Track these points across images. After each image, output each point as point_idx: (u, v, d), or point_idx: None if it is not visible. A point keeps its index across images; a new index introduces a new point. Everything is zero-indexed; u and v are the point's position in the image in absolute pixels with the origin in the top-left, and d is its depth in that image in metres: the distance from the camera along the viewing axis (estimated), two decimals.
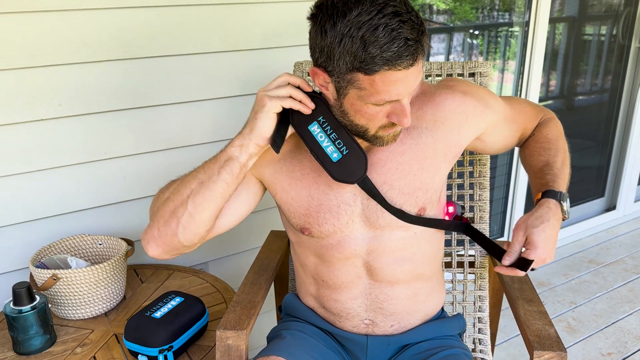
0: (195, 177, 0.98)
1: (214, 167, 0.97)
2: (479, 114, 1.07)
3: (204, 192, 0.96)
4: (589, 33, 2.95)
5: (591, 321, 2.29)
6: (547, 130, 1.15)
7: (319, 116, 0.97)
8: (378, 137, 0.96)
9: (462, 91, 1.07)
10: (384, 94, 0.87)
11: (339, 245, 1.06)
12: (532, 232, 0.96)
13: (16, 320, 1.18)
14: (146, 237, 1.02)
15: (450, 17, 2.56)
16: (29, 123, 1.40)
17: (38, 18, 1.34)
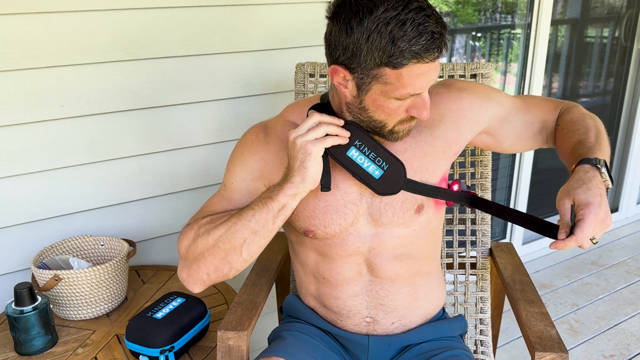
0: (247, 226, 0.96)
1: (267, 216, 0.96)
2: (476, 108, 1.08)
3: (258, 241, 0.98)
4: (591, 35, 2.94)
5: (593, 323, 2.28)
6: (569, 115, 1.09)
7: (354, 140, 0.99)
8: (394, 132, 0.98)
9: (458, 88, 1.09)
10: (409, 88, 0.89)
11: (342, 243, 1.07)
12: (576, 193, 0.88)
13: (18, 320, 1.18)
14: (192, 279, 1.03)
15: (453, 20, 2.56)
16: (31, 124, 1.41)
17: (40, 19, 1.35)
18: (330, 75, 0.95)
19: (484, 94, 1.10)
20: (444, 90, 1.09)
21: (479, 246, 1.43)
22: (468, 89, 1.09)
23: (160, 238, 1.69)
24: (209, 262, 1.00)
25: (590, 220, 0.85)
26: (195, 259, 1.01)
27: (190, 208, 1.71)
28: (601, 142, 1.00)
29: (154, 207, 1.65)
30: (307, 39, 1.70)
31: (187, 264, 1.03)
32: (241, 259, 0.99)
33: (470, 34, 2.61)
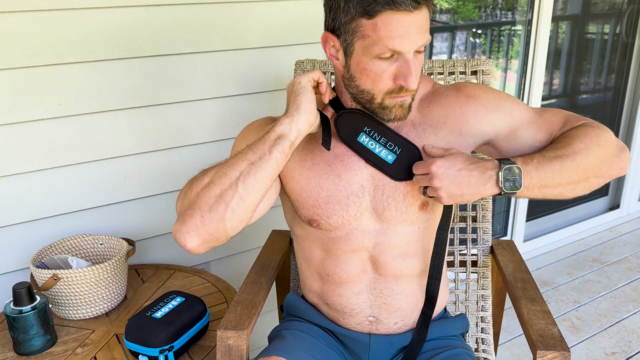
0: (244, 158, 0.94)
1: (264, 146, 0.94)
2: (480, 117, 1.04)
3: (255, 172, 0.93)
4: (592, 31, 2.93)
5: (595, 320, 2.27)
6: (572, 130, 1.00)
7: (364, 126, 1.01)
8: (385, 106, 0.97)
9: (467, 94, 1.06)
10: (386, 40, 0.88)
11: (346, 237, 1.06)
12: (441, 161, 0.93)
13: (16, 320, 1.18)
14: (184, 228, 0.93)
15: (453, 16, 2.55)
16: (29, 123, 1.40)
17: (38, 17, 1.34)
18: (323, 47, 0.98)
19: (493, 104, 1.05)
20: (453, 93, 1.07)
21: (480, 244, 1.43)
22: (476, 96, 1.06)
23: (159, 237, 1.68)
24: (203, 202, 0.93)
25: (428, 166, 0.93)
26: (190, 204, 0.94)
27: None
28: (555, 162, 0.94)
29: (154, 206, 1.64)
30: (306, 36, 1.69)
31: (181, 215, 0.96)
32: (237, 194, 0.92)
33: (471, 30, 2.60)
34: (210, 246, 0.97)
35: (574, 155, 0.95)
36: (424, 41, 0.91)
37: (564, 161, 0.94)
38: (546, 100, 2.76)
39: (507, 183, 0.92)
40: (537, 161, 0.94)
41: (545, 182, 0.94)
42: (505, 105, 1.06)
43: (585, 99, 3.11)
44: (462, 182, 0.92)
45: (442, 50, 2.63)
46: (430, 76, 1.41)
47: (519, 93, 2.58)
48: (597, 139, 0.97)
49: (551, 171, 0.94)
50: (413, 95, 0.98)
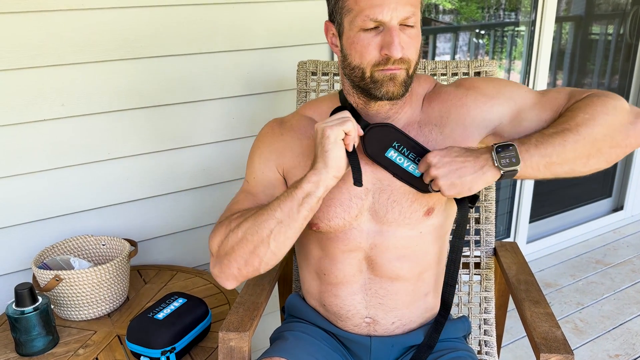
0: (272, 216, 0.96)
1: (292, 205, 0.95)
2: (481, 106, 1.03)
3: (285, 231, 0.97)
4: (596, 32, 2.92)
5: (598, 322, 2.26)
6: (576, 103, 0.97)
7: (392, 142, 1.00)
8: (375, 80, 0.96)
9: (466, 86, 1.06)
10: (367, 10, 0.91)
11: (344, 237, 1.06)
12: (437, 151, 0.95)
13: (18, 321, 1.18)
14: (224, 275, 1.02)
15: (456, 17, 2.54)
16: (32, 123, 1.40)
17: (41, 18, 1.34)
18: (325, 37, 1.02)
19: (492, 92, 1.04)
20: (453, 88, 1.07)
21: (483, 246, 1.42)
22: (476, 86, 1.06)
23: (162, 237, 1.68)
24: (239, 256, 0.99)
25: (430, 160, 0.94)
26: (226, 254, 1.01)
27: (192, 207, 1.70)
28: (555, 139, 0.91)
29: (156, 207, 1.64)
30: (309, 37, 1.69)
31: (219, 260, 1.03)
32: (269, 251, 0.97)
33: (474, 31, 2.60)
34: None
35: (577, 127, 0.91)
36: (407, 13, 0.91)
37: (567, 135, 0.91)
38: None
39: (503, 160, 0.90)
40: (536, 139, 0.92)
41: (550, 159, 0.91)
42: (505, 90, 1.04)
43: None
44: (459, 169, 0.92)
45: (445, 50, 2.62)
46: (434, 77, 1.41)
47: None
48: (603, 108, 0.93)
49: (552, 146, 0.91)
50: (407, 70, 0.96)
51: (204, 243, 1.75)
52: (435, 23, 2.55)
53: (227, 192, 1.74)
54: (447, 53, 2.62)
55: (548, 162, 0.92)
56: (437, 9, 2.50)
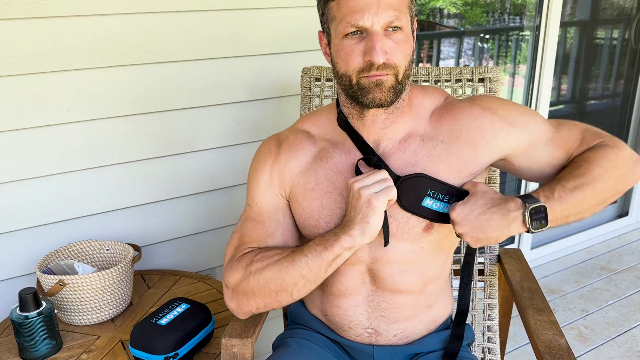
0: (299, 272, 0.97)
1: (321, 265, 0.96)
2: (497, 131, 1.00)
3: (309, 286, 0.99)
4: (601, 37, 2.92)
5: (603, 329, 2.25)
6: (590, 152, 0.98)
7: (427, 190, 0.99)
8: (362, 87, 0.94)
9: (482, 106, 1.02)
10: (349, 17, 0.90)
11: None
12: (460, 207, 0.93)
13: (22, 326, 1.18)
14: (241, 311, 1.05)
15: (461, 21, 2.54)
16: (36, 128, 1.40)
17: (47, 24, 1.35)
18: (320, 45, 1.03)
19: (509, 118, 1.01)
20: (467, 105, 1.03)
21: (486, 252, 1.42)
22: (492, 108, 1.02)
23: (165, 242, 1.68)
24: (260, 299, 1.02)
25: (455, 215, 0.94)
26: (246, 294, 1.02)
27: (195, 212, 1.70)
28: (576, 192, 0.93)
29: (160, 212, 1.65)
30: (312, 43, 1.68)
31: (236, 296, 1.04)
32: (291, 298, 1.00)
33: (479, 35, 2.60)
34: None
35: (594, 182, 0.94)
36: (389, 18, 0.89)
37: (585, 190, 0.94)
38: (554, 106, 2.75)
39: (535, 223, 0.90)
40: (559, 194, 0.93)
41: (568, 213, 0.94)
42: (522, 120, 1.02)
43: (593, 105, 3.10)
44: (484, 226, 0.91)
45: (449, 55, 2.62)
46: (437, 83, 1.41)
47: (527, 98, 2.57)
48: (615, 162, 0.97)
49: (573, 202, 0.93)
50: (395, 75, 0.93)
51: (207, 248, 1.76)
52: (439, 27, 2.55)
53: (231, 197, 1.74)
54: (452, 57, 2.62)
55: (566, 216, 0.94)
56: (441, 13, 2.50)
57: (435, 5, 2.46)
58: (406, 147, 1.02)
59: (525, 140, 1.02)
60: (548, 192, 0.93)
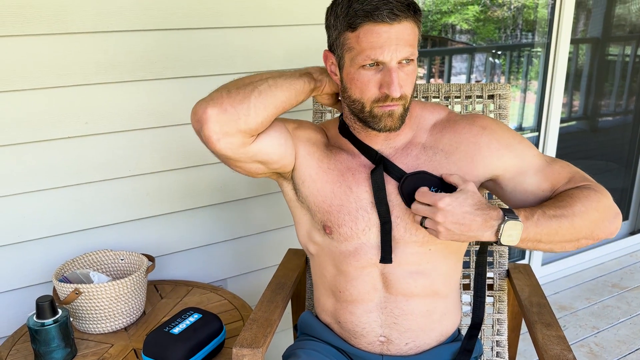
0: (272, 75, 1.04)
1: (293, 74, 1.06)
2: (493, 151, 1.06)
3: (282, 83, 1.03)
4: (613, 53, 2.92)
5: (614, 347, 2.23)
6: (575, 190, 1.02)
7: (430, 187, 1.02)
8: (374, 115, 1.00)
9: (482, 125, 1.08)
10: (368, 51, 0.94)
11: (355, 252, 1.08)
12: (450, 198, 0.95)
13: (39, 333, 1.21)
14: (208, 99, 0.99)
15: (473, 37, 2.57)
16: (56, 140, 1.44)
17: (67, 40, 1.39)
18: (324, 64, 1.07)
19: (506, 141, 1.07)
20: (468, 121, 1.09)
21: (496, 267, 1.43)
22: (491, 128, 1.08)
23: (178, 253, 1.71)
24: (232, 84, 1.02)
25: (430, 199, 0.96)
26: (217, 90, 1.02)
27: (208, 224, 1.73)
28: (554, 221, 0.96)
29: (173, 223, 1.68)
30: None
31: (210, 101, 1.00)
32: (266, 84, 1.01)
33: (491, 52, 2.62)
34: (225, 131, 0.98)
35: (573, 217, 0.97)
36: (406, 54, 0.95)
37: (562, 221, 0.97)
38: (565, 122, 2.75)
39: (506, 237, 0.94)
40: (538, 217, 0.96)
41: (540, 238, 0.97)
42: (518, 146, 1.07)
43: (605, 122, 3.10)
44: (465, 224, 0.94)
45: (461, 70, 2.64)
46: (447, 100, 1.43)
47: (538, 115, 2.58)
48: (597, 204, 1.00)
49: (548, 229, 0.96)
50: (404, 105, 1.00)
51: (219, 259, 1.78)
52: (451, 43, 2.57)
53: (243, 209, 1.77)
54: (463, 73, 2.64)
55: (537, 240, 0.98)
56: (453, 29, 2.53)
57: (448, 22, 2.48)
58: (408, 152, 1.07)
59: (517, 164, 1.06)
60: (528, 213, 0.97)
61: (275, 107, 1.01)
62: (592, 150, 3.07)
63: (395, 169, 1.06)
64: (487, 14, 2.54)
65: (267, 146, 1.05)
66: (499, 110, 1.39)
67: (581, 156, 3.00)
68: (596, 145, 3.08)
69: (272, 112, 1.02)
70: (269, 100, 1.00)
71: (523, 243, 0.96)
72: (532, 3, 2.53)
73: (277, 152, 1.07)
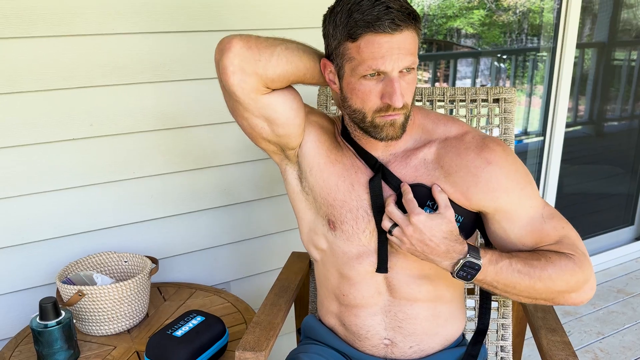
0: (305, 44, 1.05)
1: None
2: (489, 191, 1.01)
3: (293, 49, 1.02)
4: (619, 58, 2.92)
5: (619, 353, 2.22)
6: (556, 256, 1.00)
7: (427, 201, 1.02)
8: (376, 125, 0.99)
9: (488, 159, 1.02)
10: (370, 61, 0.93)
11: (359, 256, 1.08)
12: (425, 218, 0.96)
13: (42, 334, 1.21)
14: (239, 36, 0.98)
15: (478, 42, 2.56)
16: (61, 142, 1.45)
17: (73, 42, 1.40)
18: (322, 73, 1.03)
19: (506, 184, 1.02)
20: (475, 151, 1.03)
21: None
22: (497, 165, 1.02)
23: (182, 256, 1.71)
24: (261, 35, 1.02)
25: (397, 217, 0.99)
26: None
27: (212, 226, 1.73)
28: (514, 276, 0.97)
29: (177, 225, 1.68)
30: None
31: None
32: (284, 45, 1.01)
33: (496, 56, 2.62)
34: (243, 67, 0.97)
35: (538, 280, 0.98)
36: (408, 63, 0.94)
37: (524, 279, 0.98)
38: (571, 127, 2.74)
39: (461, 272, 0.98)
40: (502, 267, 0.98)
41: (496, 286, 1.00)
42: (518, 193, 1.03)
43: (611, 127, 3.09)
44: (429, 246, 0.96)
45: (466, 74, 2.64)
46: (452, 104, 1.42)
47: (544, 119, 2.57)
48: (569, 277, 0.99)
49: (507, 280, 0.98)
50: (406, 114, 0.99)
51: (223, 262, 1.78)
52: (456, 47, 2.57)
53: (248, 212, 1.77)
54: (469, 77, 2.64)
55: (493, 286, 1.00)
56: (459, 33, 2.53)
57: (453, 26, 2.48)
58: (407, 162, 1.06)
59: (509, 211, 1.03)
60: (494, 259, 0.98)
61: (296, 68, 1.01)
62: (598, 155, 3.06)
63: (393, 179, 1.05)
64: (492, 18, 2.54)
65: (278, 103, 1.03)
66: (504, 114, 1.38)
67: (586, 161, 3.00)
68: (602, 150, 3.07)
69: (292, 71, 1.00)
70: (293, 58, 1.00)
71: (478, 282, 1.00)
72: (537, 7, 2.52)
73: (286, 114, 1.04)
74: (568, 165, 2.69)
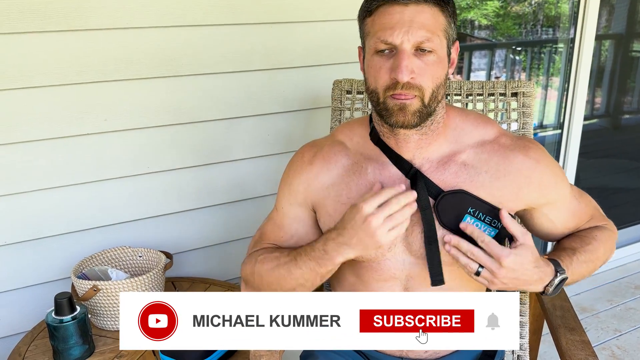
0: (297, 282, 1.02)
1: (316, 277, 1.00)
2: (542, 188, 1.02)
3: (310, 288, 1.03)
4: (637, 50, 2.86)
5: (637, 350, 2.19)
6: (598, 232, 1.08)
7: (468, 207, 0.97)
8: (387, 107, 0.93)
9: (536, 158, 1.01)
10: (379, 32, 0.91)
11: (378, 267, 1.04)
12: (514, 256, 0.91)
13: (57, 329, 1.21)
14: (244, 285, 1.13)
15: (493, 33, 2.53)
16: (75, 137, 1.45)
17: (87, 36, 1.39)
18: (359, 61, 1.03)
19: (554, 179, 1.04)
20: (521, 152, 1.01)
21: None
22: (544, 163, 1.02)
23: (196, 250, 1.71)
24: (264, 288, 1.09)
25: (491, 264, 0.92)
26: (254, 289, 1.11)
27: (226, 221, 1.72)
28: (583, 266, 1.03)
29: (191, 220, 1.68)
30: (344, 55, 1.70)
31: (248, 288, 1.13)
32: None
33: (511, 48, 2.58)
34: None
35: (597, 261, 1.06)
36: (420, 37, 0.89)
37: (589, 266, 1.04)
38: (587, 120, 2.70)
39: (554, 292, 0.98)
40: (574, 266, 1.01)
41: (571, 281, 1.02)
42: (561, 184, 1.06)
43: (629, 119, 3.04)
44: (521, 280, 0.94)
45: (480, 66, 2.61)
46: (469, 97, 1.40)
47: (560, 112, 2.54)
48: (613, 245, 1.10)
49: (579, 274, 1.03)
50: (421, 99, 0.92)
51: (237, 256, 1.77)
52: (470, 39, 2.54)
53: (261, 206, 1.76)
54: (483, 69, 2.61)
55: (565, 283, 1.00)
56: (472, 25, 2.50)
57: (467, 17, 2.45)
58: (446, 168, 1.00)
59: (555, 201, 1.06)
60: (567, 262, 1.00)
61: (292, 286, 1.04)
62: (614, 148, 3.02)
63: (432, 186, 0.99)
64: (506, 10, 2.50)
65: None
66: (522, 109, 1.36)
67: (603, 154, 2.95)
68: (619, 143, 3.03)
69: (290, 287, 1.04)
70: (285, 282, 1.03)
71: None
72: None
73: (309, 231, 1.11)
74: (584, 159, 2.65)
